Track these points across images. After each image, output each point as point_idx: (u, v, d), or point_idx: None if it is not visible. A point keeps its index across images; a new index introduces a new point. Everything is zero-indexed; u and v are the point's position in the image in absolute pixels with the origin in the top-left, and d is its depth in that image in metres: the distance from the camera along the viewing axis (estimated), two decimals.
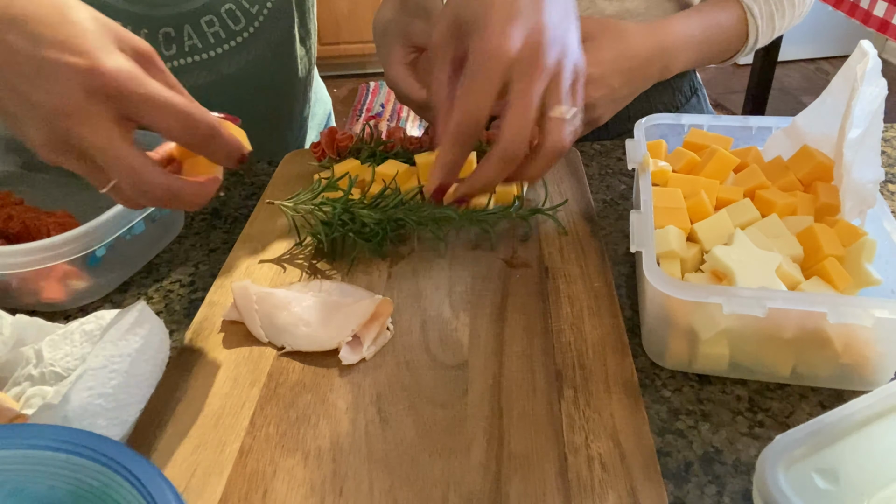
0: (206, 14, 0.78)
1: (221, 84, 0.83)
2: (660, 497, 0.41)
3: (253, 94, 0.87)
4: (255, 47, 0.83)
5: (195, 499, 0.42)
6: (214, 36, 0.80)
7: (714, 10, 0.77)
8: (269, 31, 0.83)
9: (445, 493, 0.42)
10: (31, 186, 0.74)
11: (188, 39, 0.79)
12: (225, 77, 0.83)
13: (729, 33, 0.78)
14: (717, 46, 0.78)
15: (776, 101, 2.87)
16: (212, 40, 0.80)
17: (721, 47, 0.79)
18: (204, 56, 0.80)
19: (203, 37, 0.79)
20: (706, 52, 0.78)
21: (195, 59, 0.80)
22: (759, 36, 0.79)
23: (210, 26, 0.79)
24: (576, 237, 0.64)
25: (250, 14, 0.81)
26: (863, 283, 0.51)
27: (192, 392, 0.50)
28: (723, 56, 0.81)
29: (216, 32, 0.80)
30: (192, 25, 0.78)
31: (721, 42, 0.78)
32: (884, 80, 0.54)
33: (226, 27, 0.80)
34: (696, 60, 0.78)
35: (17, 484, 0.37)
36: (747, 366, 0.50)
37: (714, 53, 0.79)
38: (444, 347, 0.52)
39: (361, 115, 3.04)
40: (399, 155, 0.71)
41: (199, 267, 0.65)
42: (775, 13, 0.78)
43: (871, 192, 0.53)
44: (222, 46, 0.80)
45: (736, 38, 0.79)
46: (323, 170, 0.73)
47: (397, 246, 0.64)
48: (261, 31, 0.83)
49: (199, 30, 0.79)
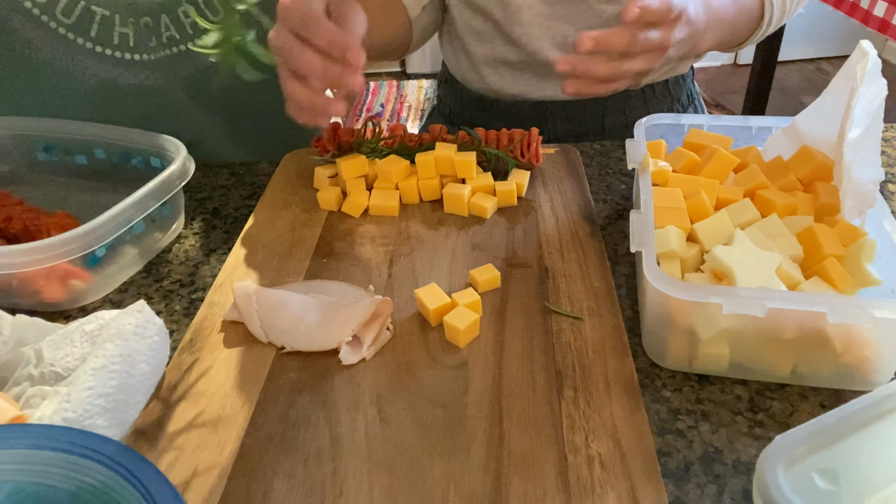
0: (182, 4, 0.78)
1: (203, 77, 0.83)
2: (660, 497, 0.41)
3: (238, 87, 0.86)
4: None
5: (195, 499, 0.42)
6: (192, 26, 0.80)
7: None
8: None
9: (445, 493, 0.42)
10: (31, 186, 0.74)
11: (165, 30, 0.78)
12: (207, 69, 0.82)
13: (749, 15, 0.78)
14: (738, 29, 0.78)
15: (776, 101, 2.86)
16: (189, 31, 0.80)
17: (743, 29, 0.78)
18: (182, 48, 0.80)
19: (181, 27, 0.79)
20: (730, 34, 0.77)
21: (173, 50, 0.80)
22: (773, 18, 0.79)
23: (187, 17, 0.79)
24: (576, 237, 0.64)
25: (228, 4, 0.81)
26: (863, 283, 0.51)
27: (192, 392, 0.49)
28: (740, 39, 0.80)
29: (193, 23, 0.79)
30: (168, 15, 0.78)
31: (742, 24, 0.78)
32: (884, 80, 0.54)
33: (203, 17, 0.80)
34: (722, 42, 0.76)
35: (17, 484, 0.37)
36: (747, 366, 0.50)
37: (736, 35, 0.79)
38: (444, 347, 0.52)
39: (361, 114, 3.04)
40: (399, 152, 0.71)
41: (199, 267, 0.65)
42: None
43: (871, 192, 0.53)
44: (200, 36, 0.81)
45: (754, 20, 0.79)
46: (324, 164, 0.73)
47: (397, 246, 0.64)
48: None
49: (176, 20, 0.79)
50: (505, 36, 0.85)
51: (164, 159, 0.69)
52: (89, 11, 0.74)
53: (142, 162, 0.71)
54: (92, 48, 0.77)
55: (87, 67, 0.78)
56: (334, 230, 0.66)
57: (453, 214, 0.68)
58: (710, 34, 0.72)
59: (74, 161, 0.74)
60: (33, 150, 0.76)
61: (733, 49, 0.83)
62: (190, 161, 0.67)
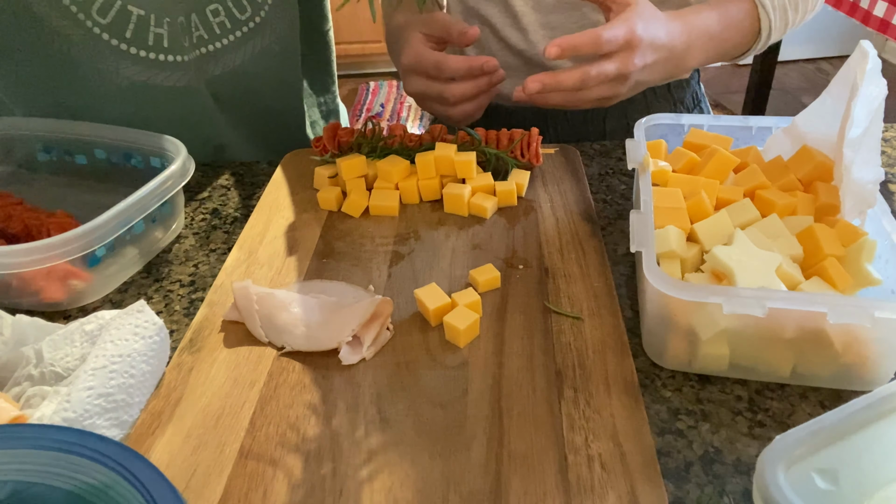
0: (211, 3, 0.78)
1: (230, 78, 0.83)
2: (660, 497, 0.41)
3: (261, 88, 0.87)
4: (261, 39, 0.83)
5: (195, 499, 0.42)
6: (220, 26, 0.80)
7: (728, 3, 0.76)
8: (274, 21, 0.83)
9: (445, 493, 0.42)
10: (31, 186, 0.74)
11: (195, 30, 0.78)
12: (233, 70, 0.83)
13: (743, 28, 0.76)
14: (730, 43, 0.77)
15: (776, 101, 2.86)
16: (217, 31, 0.80)
17: (734, 44, 0.77)
18: (210, 48, 0.80)
19: (209, 28, 0.79)
20: (719, 51, 0.76)
21: (202, 51, 0.80)
22: (772, 30, 0.77)
23: (216, 15, 0.79)
24: (576, 237, 0.64)
25: (255, 2, 0.81)
26: (863, 283, 0.51)
27: (192, 392, 0.49)
28: (736, 52, 0.79)
29: (221, 22, 0.80)
30: (198, 14, 0.78)
31: (734, 39, 0.77)
32: (884, 80, 0.54)
33: (231, 16, 0.80)
34: (711, 57, 0.76)
35: (17, 484, 0.37)
36: (747, 366, 0.50)
37: (728, 49, 0.77)
38: (444, 347, 0.52)
39: (361, 114, 3.04)
40: (399, 152, 0.71)
41: (199, 267, 0.65)
42: (788, 7, 0.76)
43: (871, 192, 0.53)
44: (228, 37, 0.80)
45: (750, 33, 0.77)
46: (324, 164, 0.73)
47: (397, 246, 0.64)
48: (266, 22, 0.83)
49: (205, 20, 0.79)
50: (503, 42, 0.85)
51: (164, 159, 0.69)
52: (125, 11, 0.74)
53: (142, 162, 0.71)
54: (126, 49, 0.77)
55: (122, 69, 0.78)
56: (334, 230, 0.66)
57: (453, 214, 0.68)
58: (695, 52, 0.73)
59: (74, 161, 0.74)
60: (33, 150, 0.76)
61: (735, 60, 0.82)
62: (190, 161, 0.67)
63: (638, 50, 0.66)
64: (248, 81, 0.84)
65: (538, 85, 0.65)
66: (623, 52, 0.65)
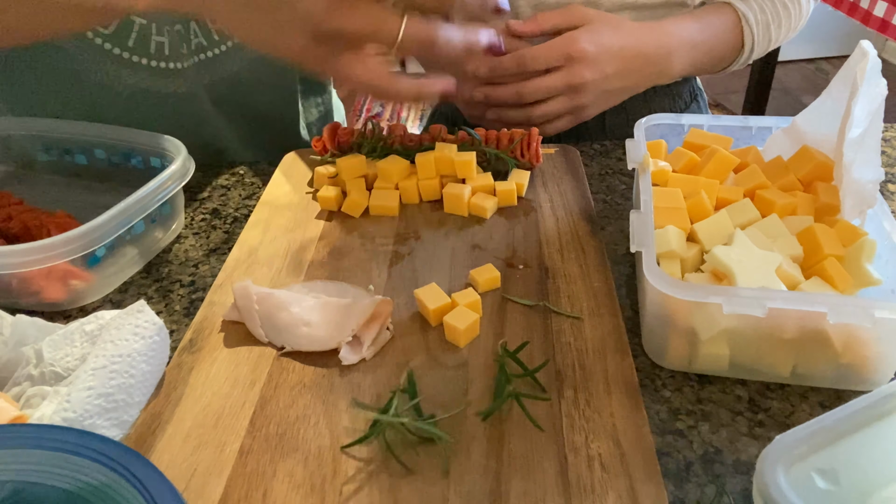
0: None
1: (228, 83, 0.83)
2: (660, 497, 0.41)
3: (259, 92, 0.87)
4: None
5: (195, 499, 0.42)
6: (218, 33, 0.80)
7: (711, 16, 0.77)
8: None
9: (445, 493, 0.42)
10: (31, 186, 0.74)
11: (194, 38, 0.79)
12: (231, 76, 0.83)
13: (726, 40, 0.78)
14: (715, 53, 0.78)
15: (776, 101, 2.86)
16: (216, 37, 0.80)
17: (718, 54, 0.79)
18: (209, 54, 0.80)
19: (208, 35, 0.79)
20: (704, 59, 0.78)
21: (201, 58, 0.80)
22: (754, 45, 0.79)
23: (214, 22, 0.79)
24: (576, 237, 0.64)
25: None
26: (863, 283, 0.50)
27: (192, 392, 0.49)
28: (720, 64, 0.81)
29: (219, 30, 0.80)
30: (196, 22, 0.78)
31: (718, 49, 0.78)
32: (884, 80, 0.54)
33: None
34: (694, 66, 0.78)
35: (17, 484, 0.37)
36: (747, 366, 0.50)
37: (712, 60, 0.79)
38: (444, 347, 0.52)
39: (361, 114, 3.04)
40: (399, 152, 0.71)
41: (199, 267, 0.65)
42: (771, 23, 0.78)
43: (871, 192, 0.53)
44: (225, 44, 0.81)
45: (733, 46, 0.79)
46: (324, 164, 0.73)
47: (397, 246, 0.64)
48: None
49: (203, 27, 0.79)
50: None
51: (164, 159, 0.69)
52: (128, 21, 0.74)
53: (142, 162, 0.71)
54: (129, 58, 0.77)
55: (123, 77, 0.78)
56: (334, 230, 0.66)
57: (453, 214, 0.68)
58: (679, 58, 0.75)
59: (74, 161, 0.74)
60: (33, 150, 0.76)
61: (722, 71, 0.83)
62: (190, 161, 0.67)
63: (585, 62, 0.69)
64: (245, 86, 0.85)
65: (482, 95, 0.72)
66: (567, 67, 0.70)
